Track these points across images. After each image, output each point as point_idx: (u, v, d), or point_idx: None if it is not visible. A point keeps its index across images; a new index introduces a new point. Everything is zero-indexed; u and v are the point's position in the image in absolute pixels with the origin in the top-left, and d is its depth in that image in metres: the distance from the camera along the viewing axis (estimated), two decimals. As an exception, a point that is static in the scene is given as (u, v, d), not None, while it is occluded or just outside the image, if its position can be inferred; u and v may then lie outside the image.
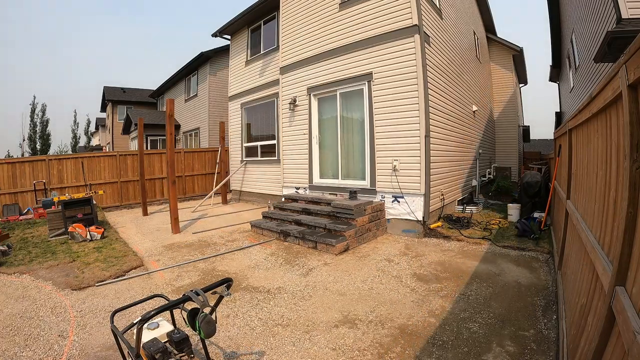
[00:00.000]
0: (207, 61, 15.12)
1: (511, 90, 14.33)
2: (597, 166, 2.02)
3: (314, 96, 7.81)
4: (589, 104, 2.20)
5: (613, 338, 1.28)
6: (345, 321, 3.17)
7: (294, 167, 8.29)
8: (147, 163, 10.96)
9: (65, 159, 10.01)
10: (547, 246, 5.11)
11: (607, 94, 1.61)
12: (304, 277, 4.35)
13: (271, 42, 9.96)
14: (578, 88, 9.35)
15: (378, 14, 6.53)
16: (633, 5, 4.82)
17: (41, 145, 33.52)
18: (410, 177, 6.15)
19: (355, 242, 5.59)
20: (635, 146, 1.18)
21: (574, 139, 3.33)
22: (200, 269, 4.77)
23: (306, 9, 7.96)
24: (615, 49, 4.40)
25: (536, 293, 3.61)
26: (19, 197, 9.07)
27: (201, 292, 1.77)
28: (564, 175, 4.03)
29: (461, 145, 8.62)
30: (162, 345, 1.77)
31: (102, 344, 2.86)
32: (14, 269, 4.81)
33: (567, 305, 2.59)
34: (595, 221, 1.97)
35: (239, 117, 11.28)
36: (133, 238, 6.64)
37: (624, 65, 1.25)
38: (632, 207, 1.19)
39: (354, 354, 2.64)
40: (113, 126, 23.58)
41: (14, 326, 3.19)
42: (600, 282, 1.52)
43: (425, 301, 3.53)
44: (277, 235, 6.28)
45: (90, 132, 40.31)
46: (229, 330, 3.04)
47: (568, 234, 3.25)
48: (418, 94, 5.99)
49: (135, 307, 3.02)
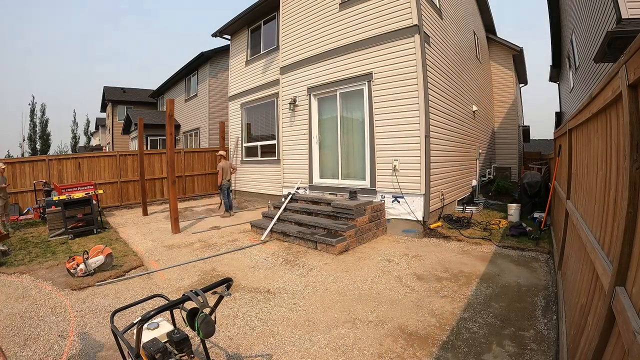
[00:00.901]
0: (207, 61, 15.12)
1: (511, 90, 14.32)
2: (597, 166, 2.02)
3: (314, 96, 7.81)
4: (589, 104, 2.19)
5: (613, 338, 1.28)
6: (345, 321, 3.17)
7: (294, 167, 8.29)
8: (147, 163, 10.95)
9: (65, 159, 10.01)
10: (547, 246, 5.11)
11: (607, 94, 1.60)
12: (304, 277, 4.35)
13: (271, 42, 9.96)
14: (578, 88, 9.35)
15: (378, 14, 6.53)
16: (633, 5, 4.82)
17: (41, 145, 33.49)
18: (410, 177, 6.15)
19: (355, 242, 5.59)
20: (635, 146, 1.18)
21: (574, 139, 3.33)
22: (200, 269, 4.77)
23: (306, 9, 7.96)
24: (615, 49, 4.40)
25: (536, 293, 3.61)
26: (19, 197, 9.07)
27: (201, 293, 1.77)
28: (564, 175, 4.03)
29: (461, 145, 8.62)
30: (162, 345, 1.77)
31: (102, 344, 2.86)
32: (14, 269, 4.82)
33: (567, 305, 2.59)
34: (595, 221, 1.97)
35: (239, 117, 11.28)
36: (133, 238, 6.64)
37: (624, 65, 1.25)
38: (632, 207, 1.19)
39: (354, 354, 2.64)
40: (113, 126, 23.58)
41: (14, 326, 3.19)
42: (600, 282, 1.52)
43: (425, 301, 3.53)
44: (278, 235, 6.28)
45: (90, 132, 40.31)
46: (229, 330, 3.04)
47: (568, 234, 3.25)
48: (418, 94, 5.99)
49: (135, 307, 3.03)
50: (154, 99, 22.47)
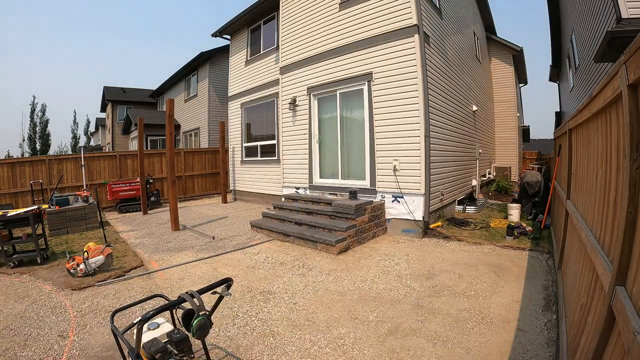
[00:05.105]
0: (207, 61, 15.12)
1: (511, 90, 14.32)
2: (597, 166, 2.02)
3: (314, 96, 7.81)
4: (589, 103, 2.19)
5: (613, 338, 1.28)
6: (346, 321, 3.17)
7: (294, 167, 8.29)
8: (147, 163, 10.96)
9: (65, 159, 10.01)
10: (547, 246, 5.12)
11: (607, 94, 1.60)
12: (304, 276, 4.35)
13: (271, 42, 9.96)
14: (578, 88, 9.36)
15: (378, 13, 6.53)
16: (633, 5, 4.83)
17: (41, 146, 33.48)
18: (410, 177, 6.15)
19: (355, 241, 5.59)
20: (635, 146, 1.18)
21: (574, 139, 3.33)
22: (200, 268, 4.77)
23: (306, 9, 7.96)
24: (615, 49, 4.40)
25: (536, 293, 3.61)
26: (19, 198, 9.04)
27: (197, 295, 1.78)
28: (564, 175, 4.03)
29: (461, 145, 8.62)
30: (162, 345, 1.77)
31: (102, 344, 2.86)
32: (14, 269, 4.81)
33: (567, 305, 2.59)
34: (595, 221, 1.97)
35: (239, 117, 11.28)
36: (133, 238, 6.64)
37: (623, 65, 1.25)
38: (632, 207, 1.19)
39: (354, 354, 2.64)
40: (113, 126, 23.56)
41: (14, 326, 3.19)
42: (600, 282, 1.52)
43: (425, 301, 3.53)
44: (278, 235, 6.28)
45: (90, 132, 40.28)
46: (229, 330, 3.04)
47: (568, 234, 3.25)
48: (418, 94, 5.99)
49: (135, 307, 3.03)
50: (154, 99, 22.47)
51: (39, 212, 5.38)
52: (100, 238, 6.44)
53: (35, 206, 5.64)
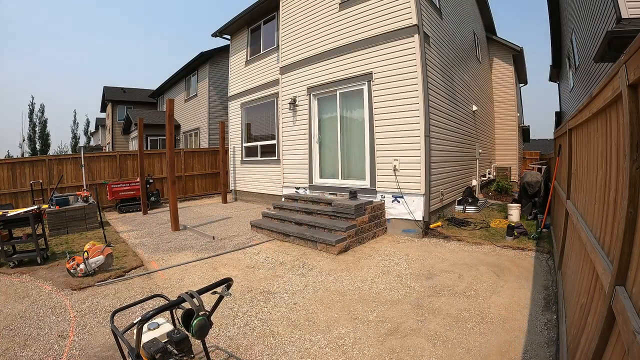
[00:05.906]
0: (207, 61, 15.12)
1: (511, 90, 14.32)
2: (597, 166, 2.02)
3: (314, 96, 7.81)
4: (589, 103, 2.19)
5: (613, 338, 1.28)
6: (346, 321, 3.17)
7: (294, 167, 8.29)
8: (147, 163, 10.96)
9: (65, 159, 10.01)
10: (547, 246, 5.12)
11: (607, 94, 1.60)
12: (304, 276, 4.35)
13: (271, 42, 9.96)
14: (578, 88, 9.36)
15: (378, 13, 6.53)
16: (633, 5, 4.83)
17: (41, 146, 33.45)
18: (411, 177, 6.15)
19: (355, 241, 5.59)
20: (635, 146, 1.18)
21: (574, 139, 3.33)
22: (200, 268, 4.77)
23: (306, 9, 7.96)
24: (615, 49, 4.40)
25: (536, 293, 3.61)
26: (19, 198, 9.04)
27: (196, 295, 1.78)
28: (564, 175, 4.03)
29: (461, 145, 8.62)
30: (162, 345, 1.77)
31: (102, 344, 2.86)
32: (14, 269, 4.81)
33: (567, 305, 2.59)
34: (595, 221, 1.97)
35: (239, 117, 11.28)
36: (133, 238, 6.64)
37: (623, 65, 1.25)
38: (632, 207, 1.19)
39: (354, 354, 2.64)
40: (113, 126, 23.57)
41: (14, 326, 3.19)
42: (600, 281, 1.52)
43: (425, 301, 3.53)
44: (278, 235, 6.28)
45: (90, 132, 40.25)
46: (229, 330, 3.04)
47: (568, 234, 3.25)
48: (418, 94, 5.99)
49: (135, 307, 3.03)
50: (154, 99, 22.47)
51: (39, 212, 5.38)
52: (100, 238, 6.43)
53: (35, 206, 5.63)
